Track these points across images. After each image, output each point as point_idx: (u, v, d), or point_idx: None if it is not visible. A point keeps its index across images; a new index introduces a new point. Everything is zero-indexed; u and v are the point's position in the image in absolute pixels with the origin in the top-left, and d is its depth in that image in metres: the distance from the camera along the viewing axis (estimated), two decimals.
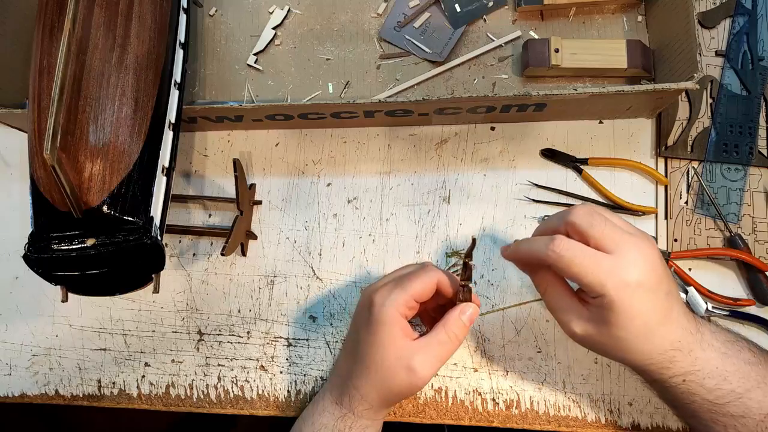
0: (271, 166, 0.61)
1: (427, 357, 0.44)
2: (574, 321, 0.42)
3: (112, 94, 0.47)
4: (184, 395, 0.59)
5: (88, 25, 0.48)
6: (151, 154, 0.47)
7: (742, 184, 0.56)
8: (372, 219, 0.60)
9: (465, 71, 0.61)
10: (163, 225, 0.48)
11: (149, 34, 0.50)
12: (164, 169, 0.49)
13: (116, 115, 0.46)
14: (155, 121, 0.48)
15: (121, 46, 0.48)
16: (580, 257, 0.40)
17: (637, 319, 0.40)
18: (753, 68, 0.58)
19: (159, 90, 0.49)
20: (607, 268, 0.39)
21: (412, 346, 0.44)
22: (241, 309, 0.59)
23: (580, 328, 0.42)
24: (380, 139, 0.61)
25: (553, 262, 0.41)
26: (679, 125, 0.58)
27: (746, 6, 0.59)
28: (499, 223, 0.58)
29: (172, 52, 0.52)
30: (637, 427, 0.54)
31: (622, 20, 0.60)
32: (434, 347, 0.44)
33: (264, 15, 0.64)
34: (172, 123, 0.51)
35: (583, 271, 0.39)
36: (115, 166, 0.45)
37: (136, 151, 0.46)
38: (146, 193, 0.46)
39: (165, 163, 0.49)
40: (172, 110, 0.51)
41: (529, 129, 0.59)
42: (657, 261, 0.41)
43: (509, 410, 0.55)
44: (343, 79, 0.62)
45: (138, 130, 0.47)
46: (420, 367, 0.44)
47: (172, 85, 0.52)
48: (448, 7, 0.61)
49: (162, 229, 0.48)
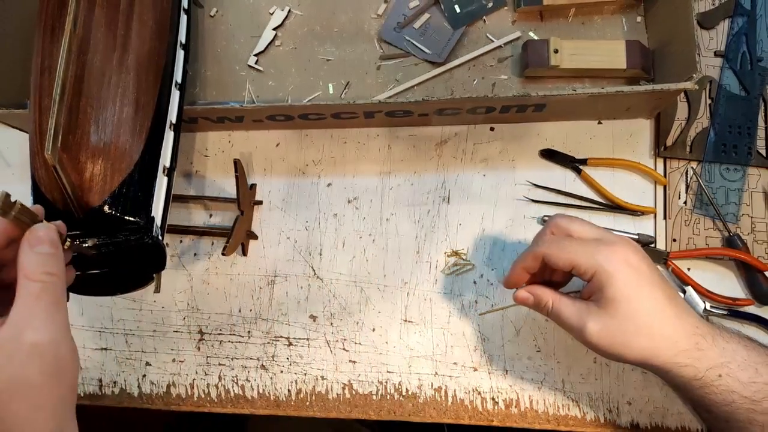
0: (272, 166, 0.62)
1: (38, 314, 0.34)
2: (587, 322, 0.42)
3: (113, 95, 0.47)
4: (185, 394, 0.59)
5: (89, 25, 0.48)
6: (152, 155, 0.47)
7: (740, 184, 0.57)
8: (372, 219, 0.60)
9: (465, 72, 0.61)
10: (165, 225, 0.49)
11: (150, 35, 0.50)
12: (165, 170, 0.49)
13: (117, 116, 0.46)
14: (156, 121, 0.48)
15: (122, 46, 0.48)
16: (568, 242, 0.44)
17: (643, 292, 0.40)
18: (752, 69, 0.58)
19: (160, 90, 0.49)
20: (594, 246, 0.42)
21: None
22: (241, 308, 0.60)
23: (596, 325, 0.41)
24: (380, 140, 0.61)
25: (547, 249, 0.43)
26: (678, 125, 0.58)
27: (745, 6, 0.59)
28: (498, 223, 0.58)
29: (173, 53, 0.52)
30: (636, 427, 0.54)
31: (622, 21, 0.60)
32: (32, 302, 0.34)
33: (264, 16, 0.64)
34: (173, 123, 0.51)
35: (573, 251, 0.42)
36: (116, 166, 0.45)
37: (137, 151, 0.46)
38: (147, 193, 0.46)
39: (166, 164, 0.49)
40: (173, 111, 0.51)
41: (528, 129, 0.60)
42: (642, 252, 0.42)
43: (509, 409, 0.55)
44: (343, 79, 0.62)
45: (139, 131, 0.47)
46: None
47: (173, 86, 0.52)
48: (448, 7, 0.61)
49: (163, 228, 0.48)
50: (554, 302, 0.45)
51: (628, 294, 0.40)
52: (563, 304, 0.44)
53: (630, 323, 0.41)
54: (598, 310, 0.42)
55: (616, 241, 0.42)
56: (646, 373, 0.54)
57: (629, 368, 0.55)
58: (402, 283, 0.58)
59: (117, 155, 0.46)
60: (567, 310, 0.44)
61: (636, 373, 0.55)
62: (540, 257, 0.44)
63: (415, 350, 0.57)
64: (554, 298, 0.45)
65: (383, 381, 0.57)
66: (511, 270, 0.47)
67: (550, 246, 0.44)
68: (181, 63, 0.54)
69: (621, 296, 0.40)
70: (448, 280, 0.58)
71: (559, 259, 0.43)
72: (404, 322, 0.58)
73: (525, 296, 0.47)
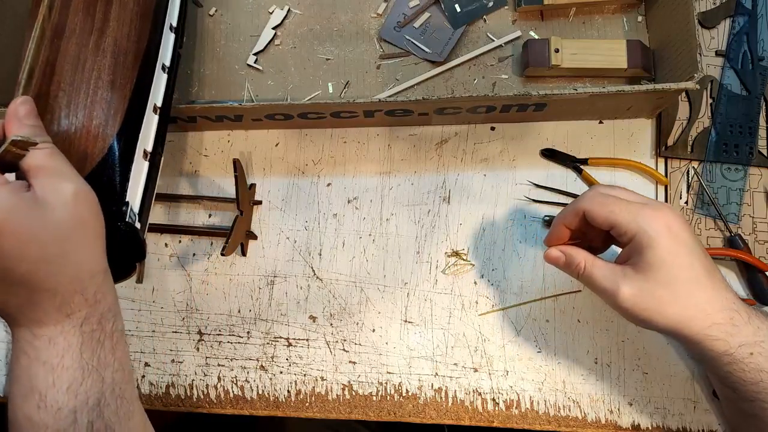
0: (271, 166, 0.61)
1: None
2: (621, 285, 0.41)
3: (87, 78, 0.46)
4: (184, 395, 0.59)
5: (66, 11, 0.48)
6: (128, 138, 0.46)
7: (742, 184, 0.57)
8: (372, 219, 0.60)
9: (465, 71, 0.61)
10: (146, 212, 0.47)
11: (130, 17, 0.49)
12: (147, 154, 0.47)
13: (91, 98, 0.46)
14: (134, 103, 0.47)
15: (100, 29, 0.48)
16: (612, 200, 0.42)
17: (683, 260, 0.39)
18: (753, 68, 0.58)
19: (140, 72, 0.48)
20: (637, 208, 0.41)
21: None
22: (241, 309, 0.59)
23: (630, 289, 0.40)
24: (380, 139, 0.61)
25: (588, 205, 0.43)
26: (679, 125, 0.58)
27: (746, 6, 0.59)
28: (499, 223, 0.58)
29: (159, 35, 0.51)
30: (637, 428, 0.54)
31: (622, 20, 0.60)
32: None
33: (264, 15, 0.64)
34: (158, 107, 0.49)
35: (616, 209, 0.41)
36: (88, 151, 0.44)
37: (111, 135, 0.45)
38: (123, 178, 0.45)
39: (147, 148, 0.48)
40: (158, 94, 0.50)
41: (529, 129, 0.59)
42: (685, 221, 0.41)
43: (509, 410, 0.55)
44: (343, 79, 0.62)
45: (114, 114, 0.46)
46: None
47: (158, 68, 0.50)
48: (448, 7, 0.61)
49: (143, 216, 0.46)
50: (587, 263, 0.43)
51: (668, 260, 0.39)
52: (597, 266, 0.43)
53: (666, 290, 0.40)
54: (635, 274, 0.41)
55: (661, 207, 0.42)
56: (647, 373, 0.54)
57: (630, 369, 0.55)
58: (402, 283, 0.58)
59: (89, 139, 0.44)
60: (600, 272, 0.42)
61: (637, 374, 0.55)
62: (581, 213, 0.43)
63: (416, 351, 0.57)
64: (588, 259, 0.44)
65: (383, 382, 0.57)
66: (553, 227, 0.46)
67: (591, 202, 0.42)
68: (170, 46, 0.52)
69: (660, 262, 0.39)
70: (448, 280, 0.58)
71: (599, 216, 0.42)
72: (404, 323, 0.58)
73: (556, 255, 0.45)
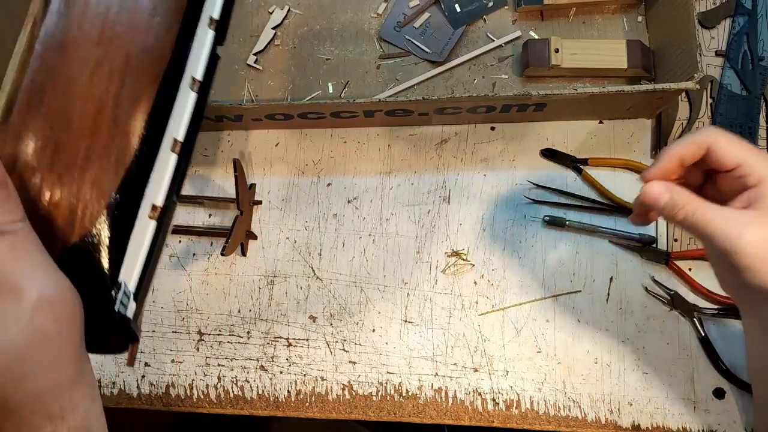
0: (271, 166, 0.61)
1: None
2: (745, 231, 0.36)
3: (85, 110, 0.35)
4: (184, 395, 0.59)
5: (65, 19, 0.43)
6: (131, 193, 0.34)
7: None
8: (372, 219, 0.60)
9: (465, 71, 0.61)
10: (144, 288, 0.36)
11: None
12: (155, 210, 0.35)
13: (87, 143, 0.34)
14: (146, 142, 0.35)
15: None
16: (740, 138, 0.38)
17: None
18: (753, 68, 0.58)
19: (158, 94, 0.36)
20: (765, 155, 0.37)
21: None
22: (241, 309, 0.59)
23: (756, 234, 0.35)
24: (380, 139, 0.61)
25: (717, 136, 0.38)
26: (679, 125, 0.58)
27: (746, 6, 0.59)
28: (499, 223, 0.58)
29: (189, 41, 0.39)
30: (637, 428, 0.54)
31: (622, 20, 0.60)
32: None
33: (264, 15, 0.63)
34: (179, 142, 0.37)
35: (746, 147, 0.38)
36: (77, 216, 0.34)
37: (109, 191, 0.34)
38: (118, 251, 0.34)
39: (157, 202, 0.35)
40: (180, 123, 0.37)
41: (529, 129, 0.59)
42: None
43: (509, 410, 0.55)
44: (343, 79, 0.62)
45: (115, 161, 0.34)
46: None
47: (184, 85, 0.38)
48: (448, 7, 0.61)
49: (141, 294, 0.36)
50: (697, 206, 0.38)
51: None
52: (711, 208, 0.37)
53: None
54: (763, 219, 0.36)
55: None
56: (647, 373, 0.54)
57: (630, 369, 0.55)
58: (402, 283, 0.58)
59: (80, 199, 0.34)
60: (717, 214, 0.37)
61: (637, 374, 0.55)
62: (706, 146, 0.38)
63: (416, 351, 0.57)
64: (697, 201, 0.38)
65: (383, 382, 0.57)
66: (661, 160, 0.39)
67: (721, 136, 0.38)
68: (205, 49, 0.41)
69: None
70: (448, 280, 0.58)
71: (729, 152, 0.37)
72: (404, 323, 0.58)
73: (658, 191, 0.39)
